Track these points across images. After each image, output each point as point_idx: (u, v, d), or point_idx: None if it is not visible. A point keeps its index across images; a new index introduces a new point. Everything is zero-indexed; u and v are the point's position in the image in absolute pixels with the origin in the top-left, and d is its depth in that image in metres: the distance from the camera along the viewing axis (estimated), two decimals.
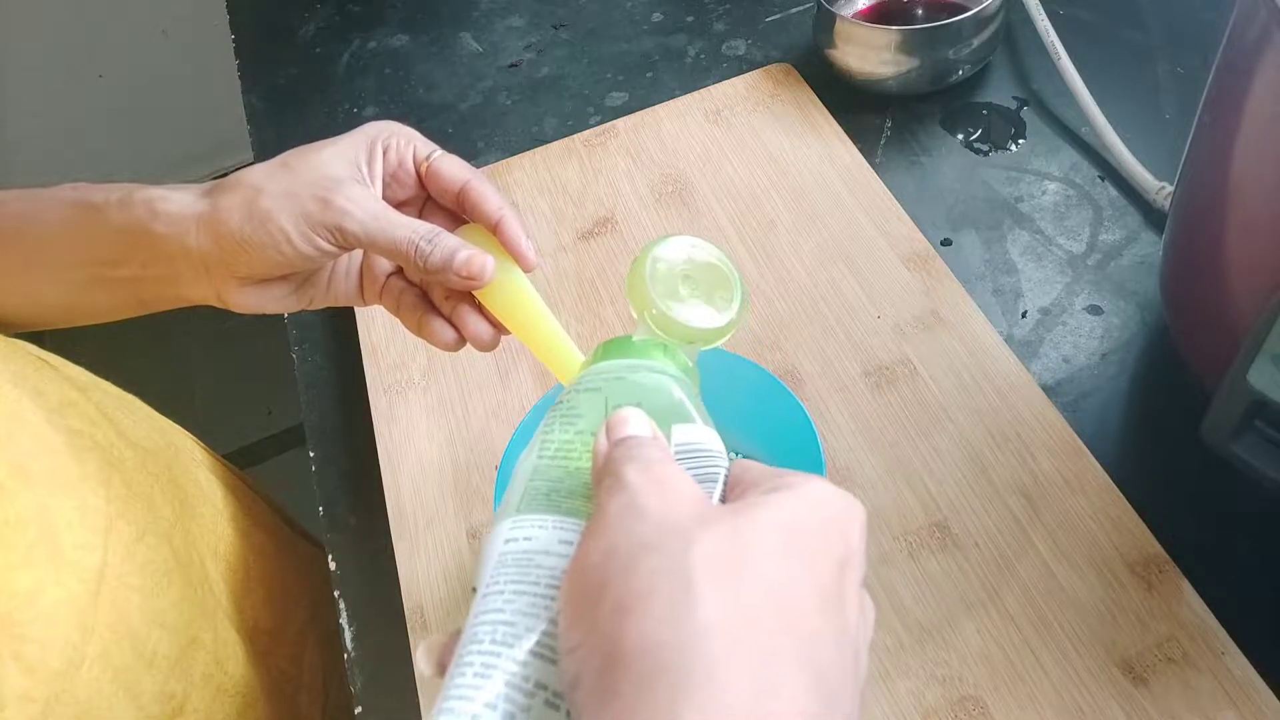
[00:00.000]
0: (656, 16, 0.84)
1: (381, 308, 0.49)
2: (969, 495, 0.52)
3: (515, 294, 0.45)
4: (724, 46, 0.80)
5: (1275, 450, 0.42)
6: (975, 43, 0.69)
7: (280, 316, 0.70)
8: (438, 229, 0.43)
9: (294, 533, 0.71)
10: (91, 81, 1.86)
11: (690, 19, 0.83)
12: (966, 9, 0.69)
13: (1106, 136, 0.65)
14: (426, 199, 0.47)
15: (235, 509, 0.63)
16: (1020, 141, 0.69)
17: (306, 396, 0.65)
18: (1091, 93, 0.66)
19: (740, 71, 0.76)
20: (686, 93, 0.75)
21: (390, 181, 0.45)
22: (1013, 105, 0.71)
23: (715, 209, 0.67)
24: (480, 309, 0.46)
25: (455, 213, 0.47)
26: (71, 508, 0.47)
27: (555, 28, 0.85)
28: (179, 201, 0.43)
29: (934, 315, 0.59)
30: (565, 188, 0.71)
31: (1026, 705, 0.45)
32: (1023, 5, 0.71)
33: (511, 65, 0.83)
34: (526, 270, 0.45)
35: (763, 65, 0.76)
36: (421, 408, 0.61)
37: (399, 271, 0.47)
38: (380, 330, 0.65)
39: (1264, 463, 0.42)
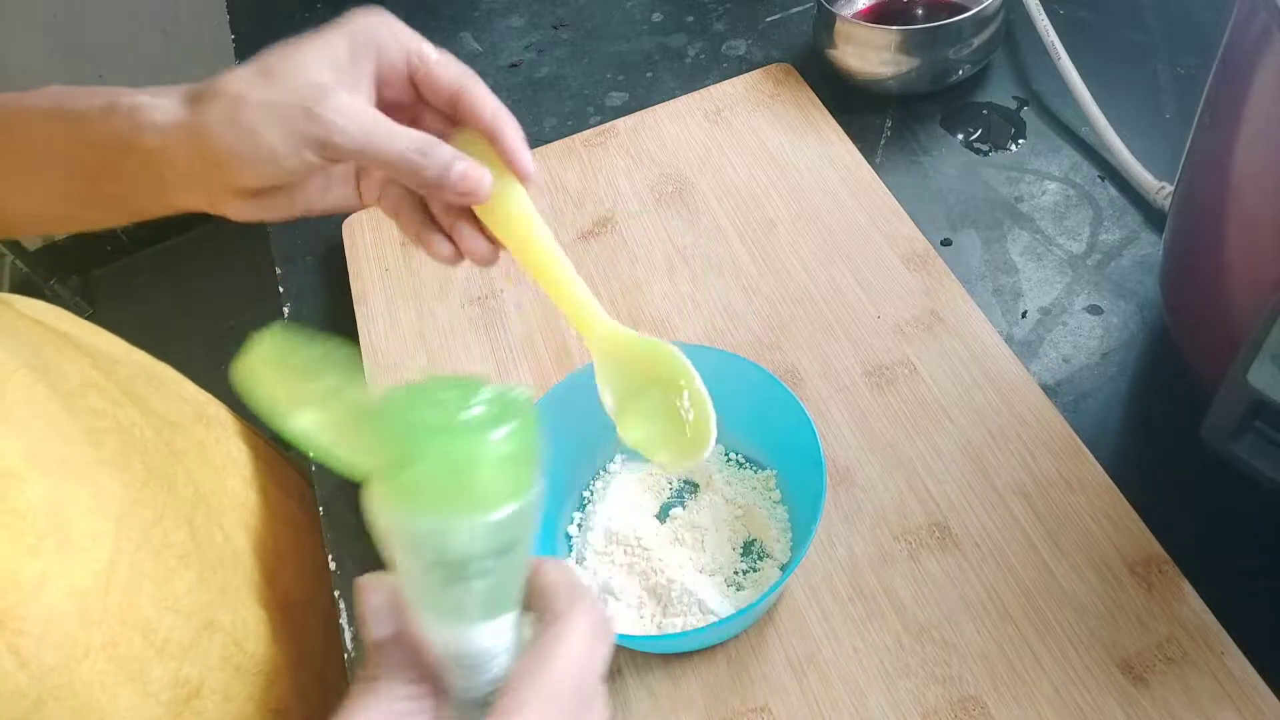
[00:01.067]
0: (656, 16, 0.84)
1: (381, 307, 0.48)
2: (969, 495, 0.52)
3: (512, 209, 0.43)
4: (724, 46, 0.80)
5: (1275, 450, 0.42)
6: (975, 43, 0.69)
7: (281, 317, 0.70)
8: (432, 140, 0.41)
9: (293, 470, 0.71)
10: (91, 81, 1.86)
11: (690, 19, 0.83)
12: (966, 9, 0.69)
13: (1106, 136, 0.65)
14: (419, 99, 0.44)
15: (265, 479, 0.63)
16: (1020, 141, 0.69)
17: None
18: (1091, 93, 0.66)
19: (740, 71, 0.76)
20: (686, 93, 0.75)
21: (379, 84, 0.42)
22: (1013, 105, 0.71)
23: (715, 209, 0.67)
24: (479, 224, 0.44)
25: (450, 116, 0.44)
26: (85, 495, 0.46)
27: (555, 28, 0.85)
28: (164, 110, 0.41)
29: (934, 315, 0.59)
30: (565, 188, 0.71)
31: (1026, 705, 0.45)
32: (1023, 5, 0.71)
33: (511, 65, 0.83)
34: (523, 181, 0.43)
35: (763, 65, 0.76)
36: None
37: None
38: (380, 330, 0.65)
39: (1264, 463, 0.42)
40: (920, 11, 0.74)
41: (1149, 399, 0.56)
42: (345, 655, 0.54)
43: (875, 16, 0.74)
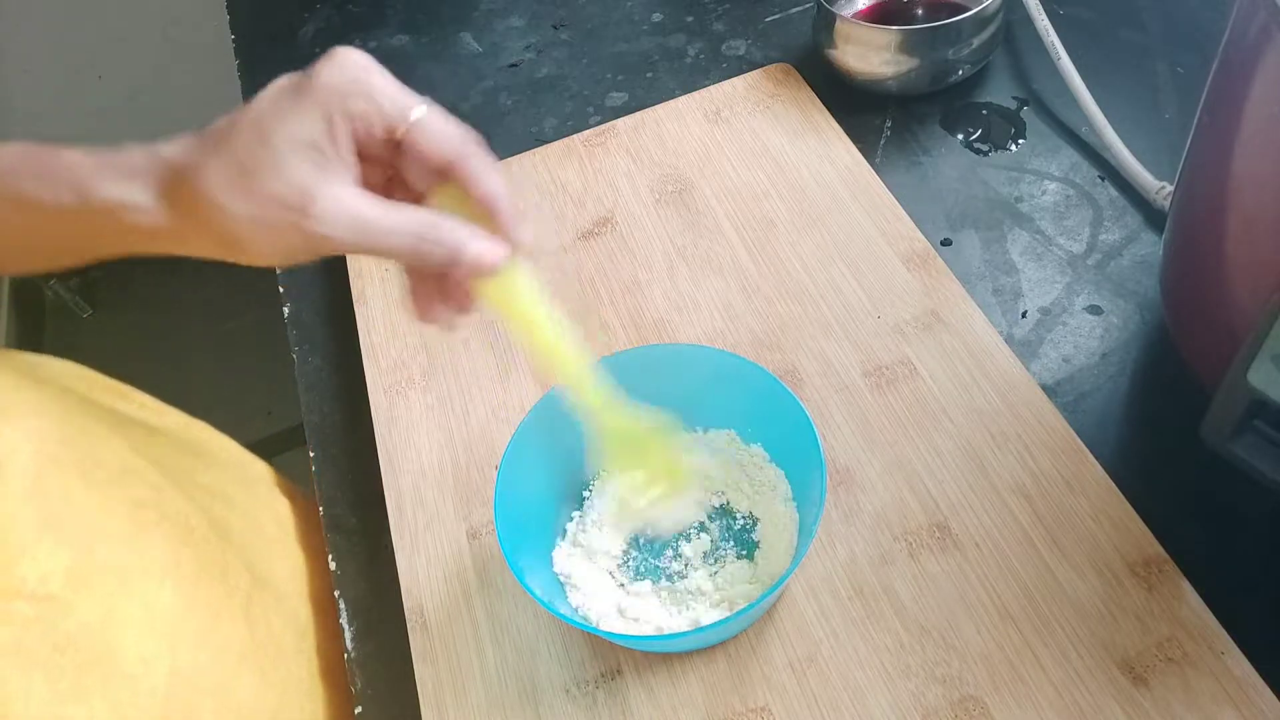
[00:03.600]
0: (656, 16, 0.84)
1: (381, 307, 0.48)
2: (969, 495, 0.52)
3: (516, 285, 0.41)
4: (724, 46, 0.80)
5: (1275, 450, 0.42)
6: (975, 43, 0.69)
7: (280, 318, 0.70)
8: (433, 222, 0.38)
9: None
10: (91, 81, 1.86)
11: (690, 19, 0.83)
12: (966, 9, 0.69)
13: (1106, 136, 0.65)
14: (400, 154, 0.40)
15: (311, 532, 0.61)
16: (1020, 141, 0.69)
17: (306, 396, 0.65)
18: (1091, 93, 0.66)
19: (740, 71, 0.76)
20: (686, 93, 0.75)
21: (359, 151, 0.39)
22: (1013, 105, 0.71)
23: (715, 209, 0.67)
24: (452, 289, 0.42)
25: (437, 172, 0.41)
26: (135, 610, 0.43)
27: (555, 28, 0.85)
28: (144, 212, 0.38)
29: (934, 315, 0.59)
30: (565, 188, 0.71)
31: (1026, 705, 0.45)
32: (1023, 5, 0.71)
33: (511, 65, 0.83)
34: (521, 253, 0.41)
35: (763, 65, 0.76)
36: (421, 408, 0.61)
37: None
38: (380, 330, 0.66)
39: (1264, 463, 0.42)
40: (920, 11, 0.74)
41: (1149, 399, 0.56)
42: (345, 655, 0.54)
43: (875, 16, 0.74)
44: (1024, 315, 0.60)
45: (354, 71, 0.37)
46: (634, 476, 0.50)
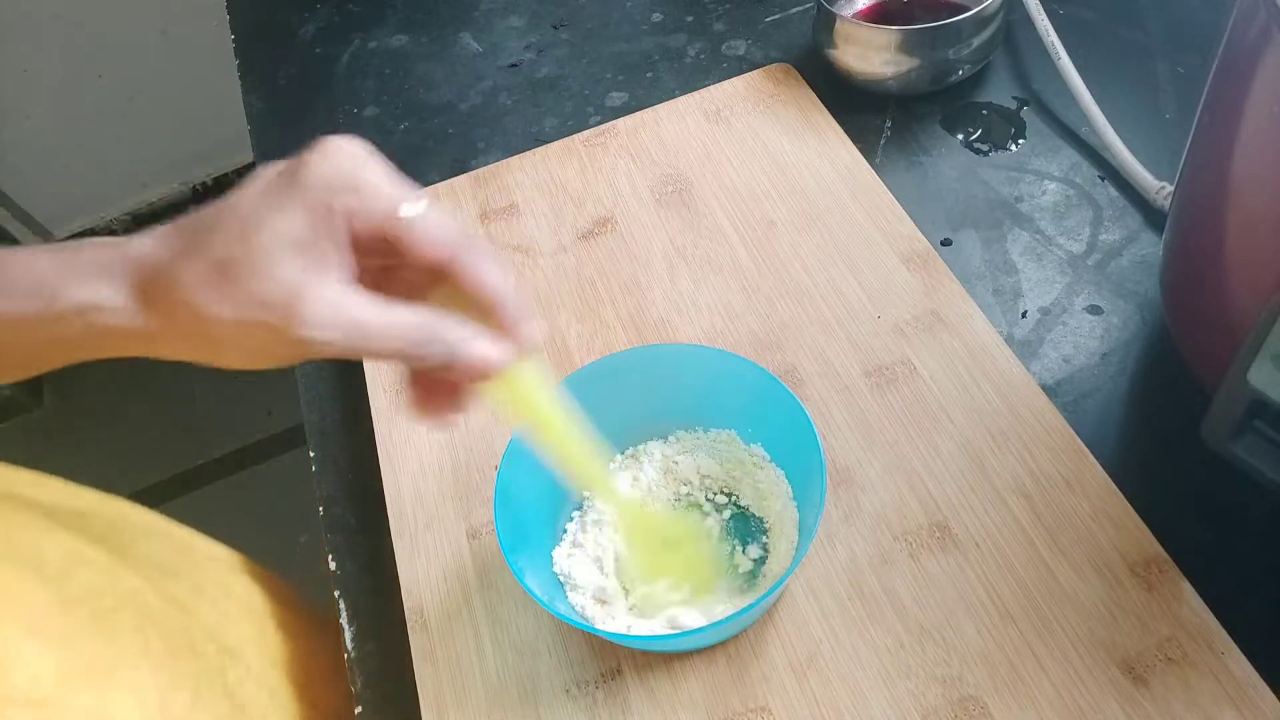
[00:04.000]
0: (656, 16, 0.84)
1: None
2: (969, 495, 0.52)
3: (523, 387, 0.40)
4: (724, 46, 0.80)
5: (1275, 450, 0.42)
6: (975, 43, 0.69)
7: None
8: (430, 325, 0.36)
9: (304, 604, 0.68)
10: (91, 81, 1.86)
11: (690, 19, 0.83)
12: (966, 9, 0.69)
13: (1106, 136, 0.65)
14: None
15: (267, 600, 0.60)
16: (1020, 141, 0.69)
17: (306, 396, 0.65)
18: (1091, 93, 0.66)
19: (740, 71, 0.76)
20: (686, 93, 0.75)
21: (355, 246, 0.36)
22: (1013, 105, 0.71)
23: (715, 209, 0.67)
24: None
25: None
26: (123, 699, 0.42)
27: (555, 28, 0.85)
28: (120, 313, 0.36)
29: (934, 315, 0.59)
30: (565, 188, 0.71)
31: (1026, 705, 0.45)
32: (1023, 5, 0.71)
33: (511, 65, 0.83)
34: (529, 348, 0.39)
35: (763, 65, 0.76)
36: None
37: None
38: None
39: (1264, 463, 0.42)
40: (920, 11, 0.74)
41: (1149, 399, 0.56)
42: (345, 655, 0.54)
43: (875, 16, 0.74)
44: (1024, 315, 0.60)
45: (345, 164, 0.35)
46: (662, 580, 0.50)
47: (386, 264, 0.38)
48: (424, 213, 0.36)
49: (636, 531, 0.49)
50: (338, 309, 0.34)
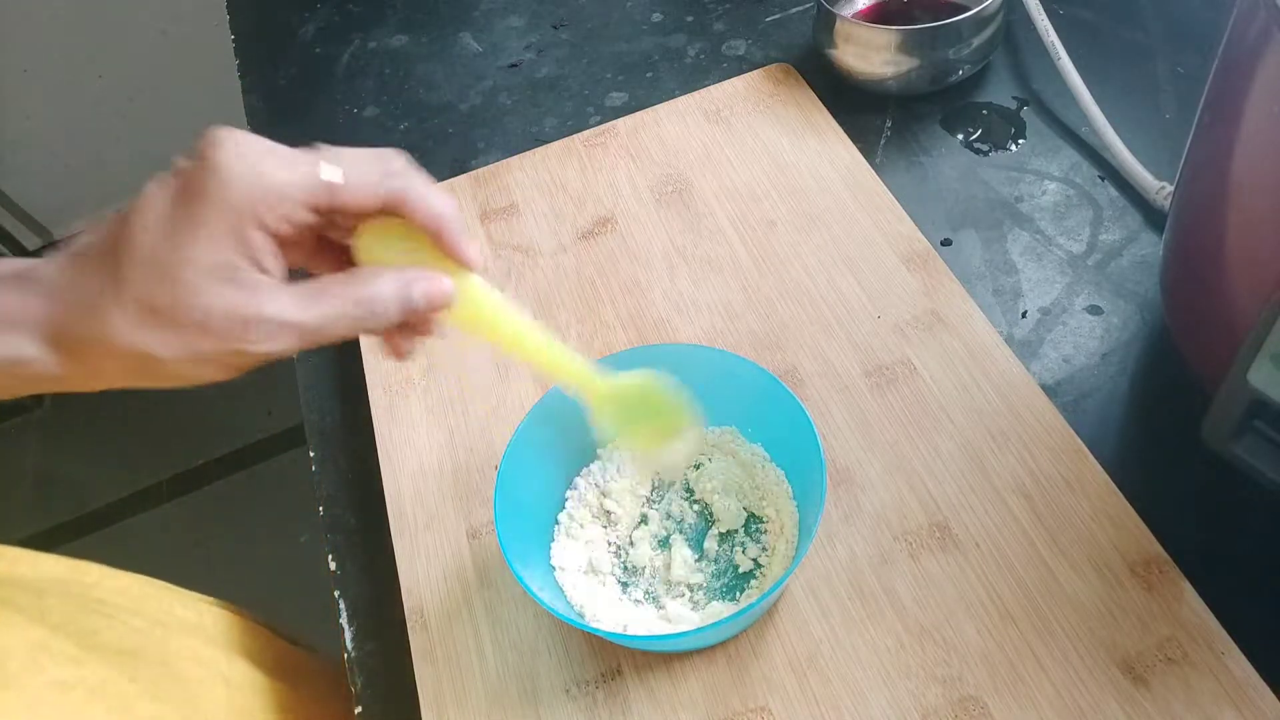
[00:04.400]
0: (656, 16, 0.84)
1: None
2: (969, 495, 0.52)
3: (478, 305, 0.41)
4: (724, 46, 0.80)
5: (1275, 450, 0.42)
6: (975, 43, 0.69)
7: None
8: (369, 295, 0.36)
9: (309, 653, 0.66)
10: (91, 81, 1.86)
11: (690, 19, 0.83)
12: (966, 9, 0.69)
13: (1106, 136, 0.65)
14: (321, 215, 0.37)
15: (247, 663, 0.58)
16: (1020, 141, 0.69)
17: (306, 396, 0.65)
18: (1091, 93, 0.66)
19: (740, 71, 0.76)
20: (686, 93, 0.75)
21: (275, 232, 0.35)
22: (1013, 105, 0.71)
23: (715, 209, 0.67)
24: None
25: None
26: None
27: (555, 28, 0.85)
28: (38, 363, 0.34)
29: (934, 315, 0.59)
30: (565, 188, 0.71)
31: (1026, 705, 0.45)
32: (1023, 5, 0.71)
33: (511, 65, 0.83)
34: (473, 269, 0.39)
35: (763, 65, 0.76)
36: (421, 408, 0.61)
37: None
38: None
39: (1264, 463, 0.42)
40: (920, 11, 0.74)
41: (1149, 399, 0.56)
42: (345, 655, 0.54)
43: (875, 16, 0.74)
44: (1024, 315, 0.60)
45: (243, 170, 0.33)
46: (639, 433, 0.49)
47: (316, 235, 0.38)
48: (340, 176, 0.35)
49: (604, 400, 0.48)
50: (280, 321, 0.34)
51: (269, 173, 0.33)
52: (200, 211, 0.32)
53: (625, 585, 0.52)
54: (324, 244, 0.40)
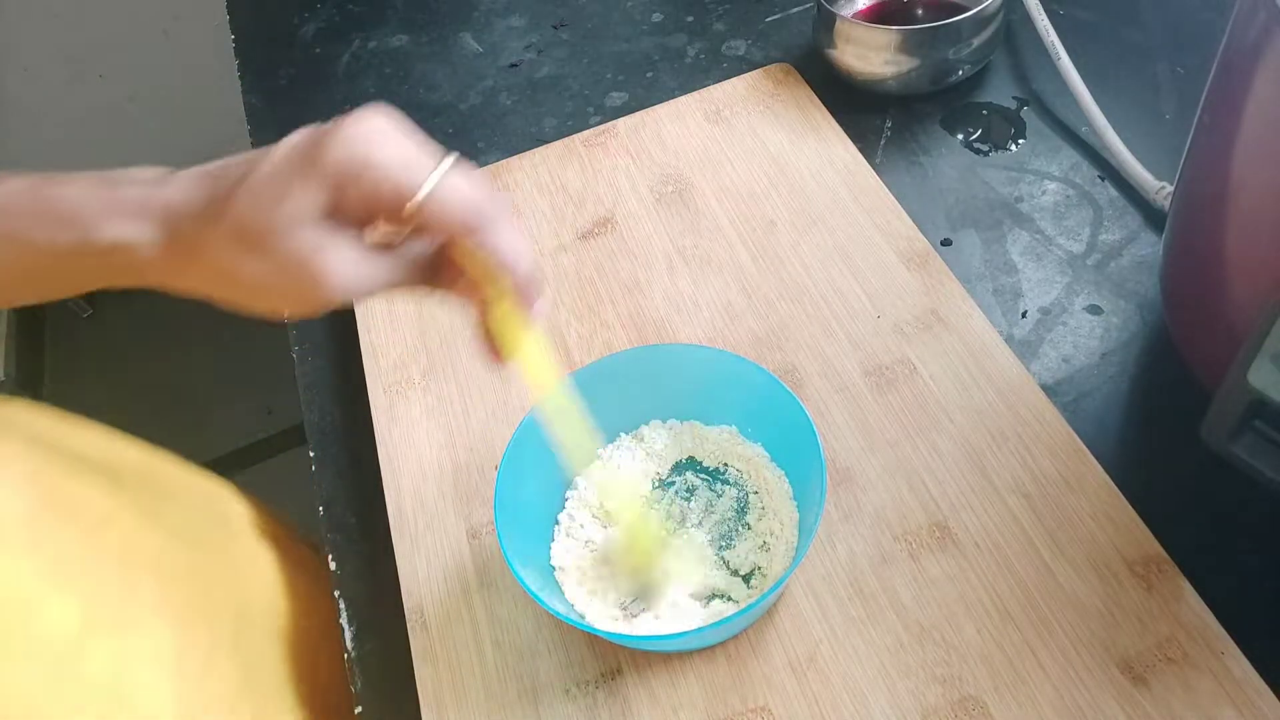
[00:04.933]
0: (656, 16, 0.84)
1: (381, 307, 0.48)
2: (969, 495, 0.52)
3: (533, 361, 0.43)
4: (724, 46, 0.80)
5: (1275, 450, 0.42)
6: (975, 43, 0.69)
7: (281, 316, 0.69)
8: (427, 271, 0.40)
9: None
10: (91, 81, 1.86)
11: (690, 19, 0.83)
12: (966, 9, 0.69)
13: (1106, 136, 0.65)
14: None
15: (286, 570, 0.61)
16: (1020, 141, 0.69)
17: (306, 396, 0.65)
18: (1091, 93, 0.66)
19: (740, 71, 0.76)
20: (686, 93, 0.75)
21: (369, 214, 0.38)
22: (1013, 105, 0.71)
23: (715, 209, 0.67)
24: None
25: None
26: (144, 647, 0.44)
27: (555, 28, 0.85)
28: (146, 250, 0.38)
29: (934, 315, 0.59)
30: (565, 188, 0.71)
31: (1026, 705, 0.45)
32: (1023, 5, 0.71)
33: (511, 65, 0.83)
34: (533, 319, 0.41)
35: (763, 65, 0.76)
36: (421, 408, 0.61)
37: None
38: (380, 330, 0.66)
39: (1264, 463, 0.42)
40: (920, 11, 0.74)
41: (1149, 399, 0.56)
42: (345, 655, 0.54)
43: (875, 16, 0.74)
44: (1024, 315, 0.60)
45: (362, 147, 0.36)
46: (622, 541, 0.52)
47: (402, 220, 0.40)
48: (435, 193, 0.37)
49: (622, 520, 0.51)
50: (355, 267, 0.37)
51: (377, 154, 0.36)
52: (310, 168, 0.36)
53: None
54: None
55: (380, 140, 0.36)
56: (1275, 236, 0.43)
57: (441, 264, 0.41)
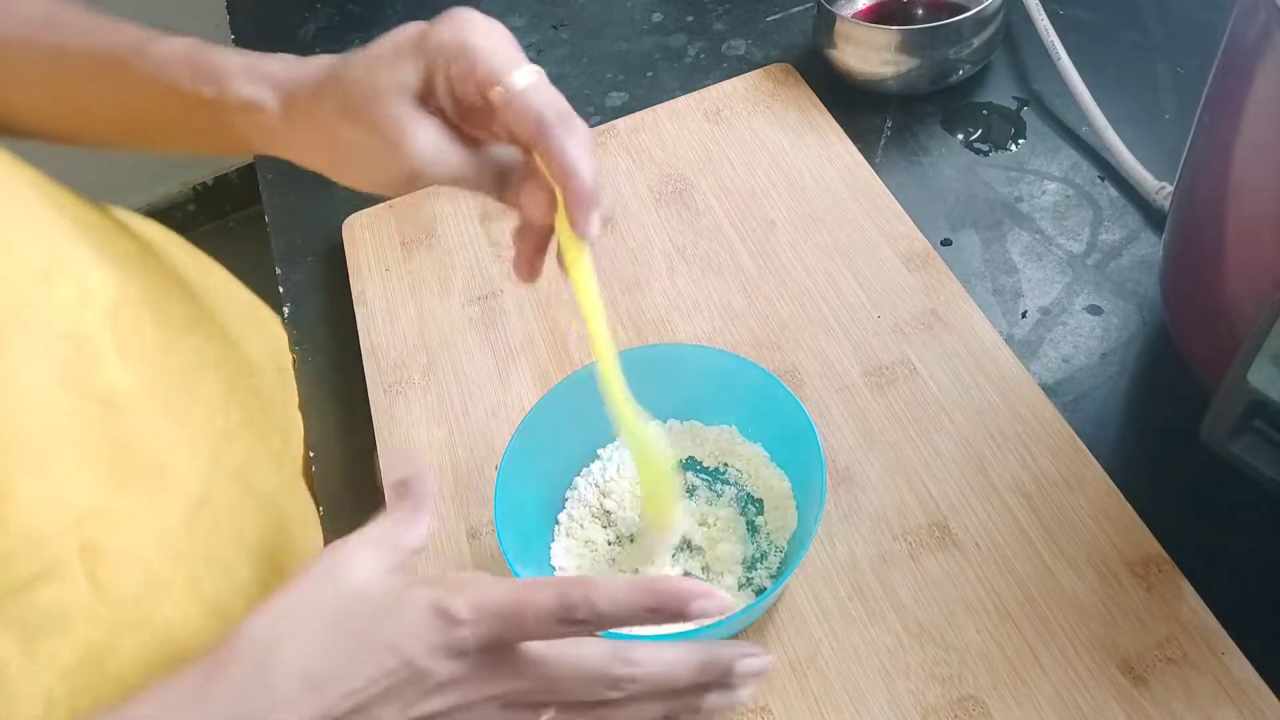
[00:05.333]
0: (656, 16, 0.84)
1: (381, 306, 0.49)
2: (969, 495, 0.52)
3: (580, 279, 0.44)
4: (724, 46, 0.80)
5: (1275, 450, 0.42)
6: (975, 43, 0.69)
7: (280, 316, 0.70)
8: (504, 167, 0.44)
9: None
10: None
11: (690, 19, 0.83)
12: (966, 9, 0.69)
13: (1106, 136, 0.65)
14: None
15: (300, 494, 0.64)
16: (1020, 141, 0.69)
17: (306, 396, 0.65)
18: (1091, 93, 0.66)
19: (740, 71, 0.76)
20: (686, 93, 0.75)
21: (456, 100, 0.42)
22: (1013, 105, 0.71)
23: (715, 209, 0.67)
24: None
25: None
26: (185, 433, 0.49)
27: (555, 28, 0.85)
28: (266, 112, 0.44)
29: (934, 315, 0.59)
30: None
31: (1026, 705, 0.45)
32: (1023, 5, 0.71)
33: None
34: (580, 236, 0.43)
35: (763, 65, 0.76)
36: (421, 408, 0.61)
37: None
38: (380, 330, 0.66)
39: (1264, 463, 0.42)
40: (920, 11, 0.74)
41: (1149, 399, 0.56)
42: None
43: (875, 16, 0.74)
44: (1024, 315, 0.60)
45: (462, 31, 0.41)
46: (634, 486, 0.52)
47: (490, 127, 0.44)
48: (523, 88, 0.40)
49: (629, 435, 0.49)
50: (436, 144, 0.41)
51: (474, 38, 0.41)
52: (414, 48, 0.41)
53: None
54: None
55: (482, 27, 0.41)
56: (1275, 236, 0.43)
57: (510, 177, 0.44)
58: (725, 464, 0.55)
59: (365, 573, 0.38)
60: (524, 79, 0.40)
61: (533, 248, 0.46)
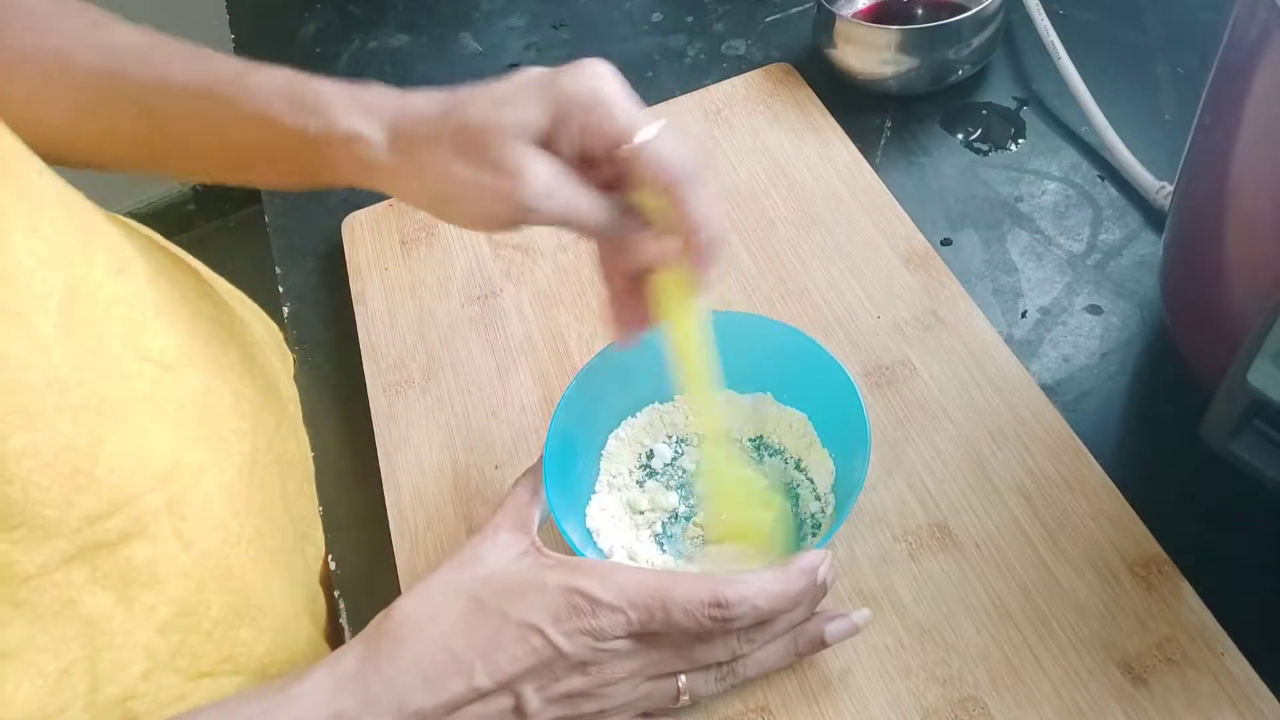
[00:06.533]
0: (656, 16, 0.84)
1: (381, 306, 0.49)
2: (969, 495, 0.52)
3: (684, 307, 0.44)
4: (724, 46, 0.80)
5: (1275, 450, 0.42)
6: (975, 43, 0.69)
7: (280, 317, 0.70)
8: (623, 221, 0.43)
9: None
10: None
11: (690, 19, 0.83)
12: (966, 9, 0.69)
13: (1106, 136, 0.65)
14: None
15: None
16: (1020, 141, 0.69)
17: (306, 396, 0.65)
18: (1091, 93, 0.66)
19: (740, 71, 0.76)
20: (686, 93, 0.75)
21: (579, 151, 0.42)
22: (1013, 105, 0.71)
23: None
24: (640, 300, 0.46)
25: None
26: (229, 392, 0.51)
27: (555, 28, 0.85)
28: (376, 150, 0.43)
29: (934, 315, 0.59)
30: None
31: (1026, 705, 0.45)
32: (1023, 5, 0.71)
33: (511, 65, 0.83)
34: (700, 285, 0.44)
35: (763, 65, 0.76)
36: (421, 408, 0.61)
37: None
38: (380, 330, 0.66)
39: (1264, 463, 0.42)
40: (920, 11, 0.74)
41: (1149, 399, 0.56)
42: None
43: (875, 16, 0.74)
44: (1024, 315, 0.60)
45: (591, 83, 0.41)
46: (718, 521, 0.52)
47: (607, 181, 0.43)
48: (652, 140, 0.40)
49: (714, 472, 0.51)
50: (556, 186, 0.40)
51: (603, 92, 0.41)
52: (542, 93, 0.41)
53: (662, 545, 0.52)
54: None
55: (613, 83, 0.41)
56: (1275, 236, 0.43)
57: (623, 220, 0.44)
58: (761, 435, 0.55)
59: (501, 557, 0.43)
60: (653, 130, 0.41)
61: (629, 295, 0.46)
